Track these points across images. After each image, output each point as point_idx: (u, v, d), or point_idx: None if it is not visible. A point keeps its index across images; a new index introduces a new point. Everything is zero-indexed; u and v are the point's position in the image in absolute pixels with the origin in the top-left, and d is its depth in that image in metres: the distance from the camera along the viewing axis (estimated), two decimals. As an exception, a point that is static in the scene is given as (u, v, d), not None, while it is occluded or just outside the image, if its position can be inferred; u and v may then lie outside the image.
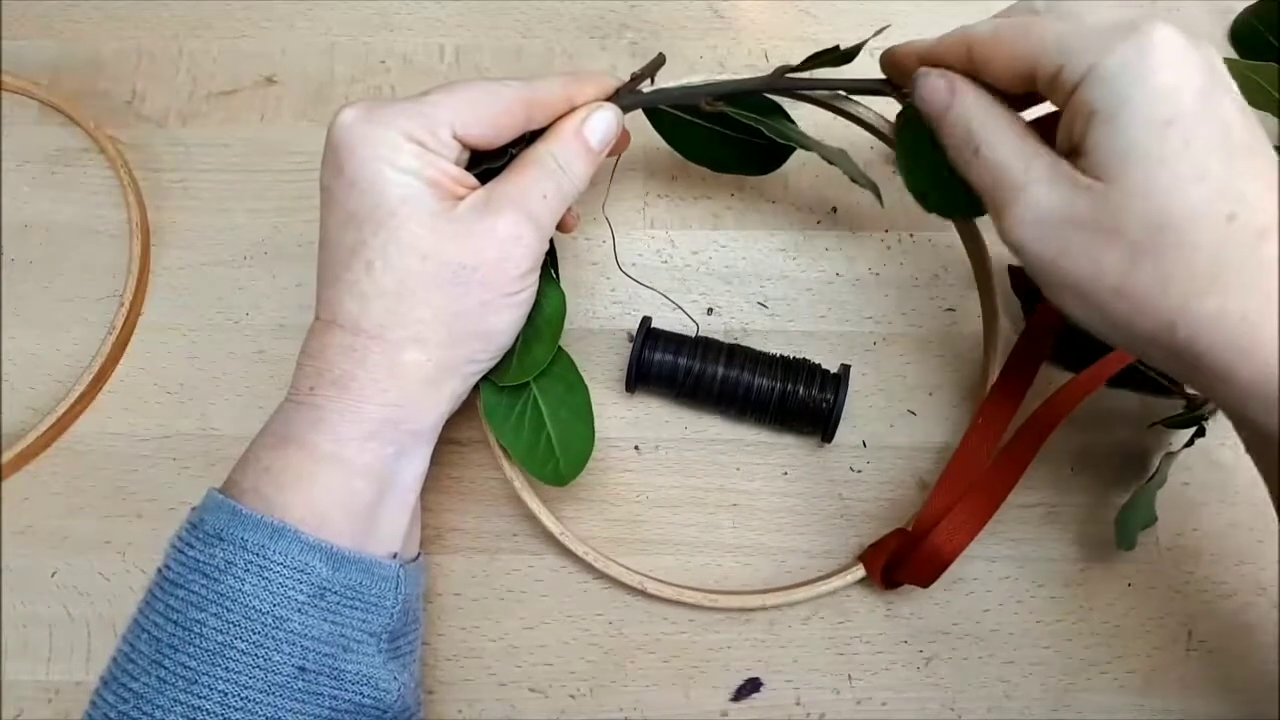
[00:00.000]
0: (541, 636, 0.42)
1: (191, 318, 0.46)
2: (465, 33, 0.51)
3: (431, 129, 0.34)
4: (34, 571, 0.43)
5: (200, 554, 0.32)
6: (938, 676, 0.41)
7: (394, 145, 0.33)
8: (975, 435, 0.40)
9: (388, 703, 0.33)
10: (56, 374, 0.45)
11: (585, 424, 0.38)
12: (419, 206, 0.33)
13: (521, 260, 0.35)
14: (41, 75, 0.50)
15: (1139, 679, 0.41)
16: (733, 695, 0.41)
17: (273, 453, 0.34)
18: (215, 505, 0.33)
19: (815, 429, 0.42)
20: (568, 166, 0.36)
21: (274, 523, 0.32)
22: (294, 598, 0.31)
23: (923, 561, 0.38)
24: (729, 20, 0.51)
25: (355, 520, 0.33)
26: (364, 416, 0.34)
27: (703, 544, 0.43)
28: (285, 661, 0.31)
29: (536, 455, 0.38)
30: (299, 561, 0.32)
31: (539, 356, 0.37)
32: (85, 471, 0.44)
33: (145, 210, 0.47)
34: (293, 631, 0.31)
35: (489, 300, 0.34)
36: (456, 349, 0.35)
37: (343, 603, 0.32)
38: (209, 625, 0.31)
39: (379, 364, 0.34)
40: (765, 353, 0.43)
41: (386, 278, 0.33)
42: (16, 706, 0.41)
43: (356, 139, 0.33)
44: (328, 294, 0.34)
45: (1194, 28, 0.49)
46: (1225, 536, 0.43)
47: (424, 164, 0.34)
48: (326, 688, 0.32)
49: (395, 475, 0.35)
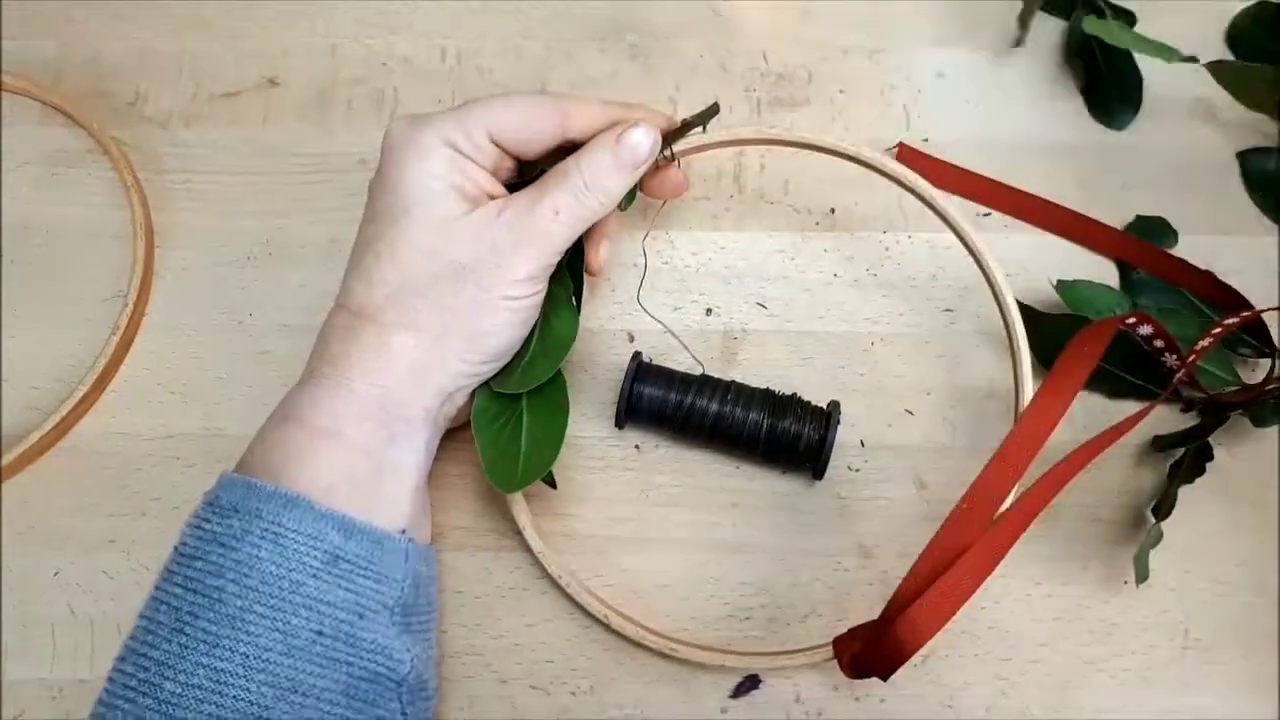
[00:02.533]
0: (543, 634, 0.42)
1: (195, 318, 0.46)
2: (466, 34, 0.51)
3: (467, 131, 0.36)
4: (37, 571, 0.43)
5: (217, 525, 0.33)
6: (935, 674, 0.41)
7: (428, 149, 0.35)
8: (962, 511, 0.37)
9: (401, 674, 0.34)
10: (60, 374, 0.45)
11: (553, 448, 0.38)
12: (434, 209, 0.35)
13: (519, 268, 0.36)
14: (43, 76, 0.50)
15: (1137, 678, 0.41)
16: (732, 692, 0.41)
17: (277, 431, 0.35)
18: (229, 482, 0.34)
19: (806, 466, 0.42)
20: (593, 182, 0.36)
21: (287, 493, 0.33)
22: (308, 564, 0.32)
23: (886, 653, 0.35)
24: (729, 20, 0.52)
25: (358, 495, 0.34)
26: (354, 395, 0.35)
27: (703, 544, 0.43)
28: (303, 625, 0.32)
29: (501, 462, 0.38)
30: (312, 529, 0.33)
31: (540, 373, 0.38)
32: (89, 471, 0.44)
33: (149, 211, 0.47)
34: (309, 596, 0.32)
35: (484, 301, 0.36)
36: (446, 343, 0.36)
37: (355, 570, 0.33)
38: (228, 591, 0.32)
39: (370, 344, 0.35)
40: (757, 389, 0.43)
41: (391, 268, 0.35)
42: (19, 706, 0.41)
43: (398, 142, 0.36)
44: (346, 280, 0.37)
45: (1191, 29, 0.50)
46: (1224, 535, 0.43)
47: (453, 169, 0.36)
48: (343, 654, 0.33)
49: (392, 459, 0.36)
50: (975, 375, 0.45)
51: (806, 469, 0.42)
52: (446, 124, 0.36)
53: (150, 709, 0.31)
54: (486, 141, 0.36)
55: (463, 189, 0.36)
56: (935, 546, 0.38)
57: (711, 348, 0.46)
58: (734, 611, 0.42)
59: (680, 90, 0.50)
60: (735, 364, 0.45)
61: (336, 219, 0.48)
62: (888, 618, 0.37)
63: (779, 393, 0.43)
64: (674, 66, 0.51)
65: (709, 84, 0.51)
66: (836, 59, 0.46)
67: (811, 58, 0.51)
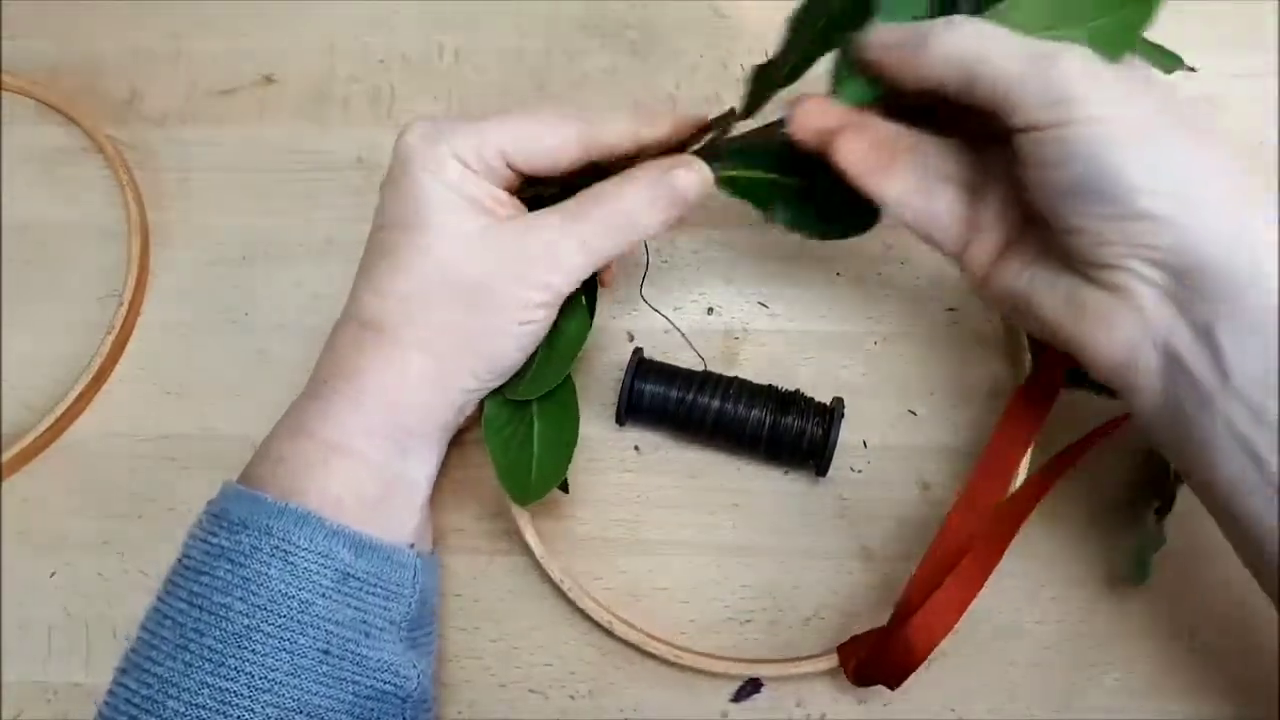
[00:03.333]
0: (542, 637, 0.42)
1: (191, 317, 0.46)
2: (465, 32, 0.51)
3: (479, 150, 0.34)
4: (33, 572, 0.43)
5: (225, 540, 0.32)
6: (939, 678, 0.41)
7: (441, 160, 0.34)
8: (958, 514, 0.38)
9: (408, 690, 0.34)
10: (55, 374, 0.45)
11: (566, 453, 0.38)
12: (451, 222, 0.34)
13: (537, 295, 0.35)
14: (40, 75, 0.50)
15: (1141, 680, 0.41)
16: (733, 696, 0.41)
17: (286, 444, 0.34)
18: (236, 495, 0.33)
19: (809, 463, 0.42)
20: (630, 219, 0.34)
21: (297, 510, 0.32)
22: (319, 583, 0.32)
23: (895, 661, 0.36)
24: (729, 20, 0.51)
25: (367, 511, 0.34)
26: (366, 410, 0.34)
27: (703, 544, 0.43)
28: (310, 645, 0.31)
29: (515, 471, 0.38)
30: (323, 547, 0.32)
31: (551, 378, 0.38)
32: (84, 472, 0.44)
33: (144, 210, 0.47)
34: (317, 616, 0.32)
35: (498, 324, 0.35)
36: (458, 361, 0.35)
37: (364, 589, 0.33)
38: (235, 609, 0.31)
39: (383, 360, 0.35)
40: (759, 385, 0.42)
41: (406, 282, 0.34)
42: (16, 707, 0.41)
43: (411, 151, 0.35)
44: (357, 291, 0.36)
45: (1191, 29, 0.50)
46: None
47: (466, 181, 0.35)
48: (349, 673, 0.32)
49: (403, 473, 0.35)
50: (979, 375, 0.45)
51: (810, 466, 0.42)
52: (462, 139, 0.34)
53: None
54: (500, 163, 0.35)
55: (479, 201, 0.35)
56: (936, 550, 0.38)
57: (713, 347, 0.45)
58: (735, 614, 0.42)
59: (680, 89, 0.50)
60: (736, 363, 0.45)
61: (333, 217, 0.47)
62: (894, 625, 0.37)
63: (782, 389, 0.42)
64: (674, 65, 0.50)
65: (709, 83, 0.50)
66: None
67: (813, 55, 0.51)
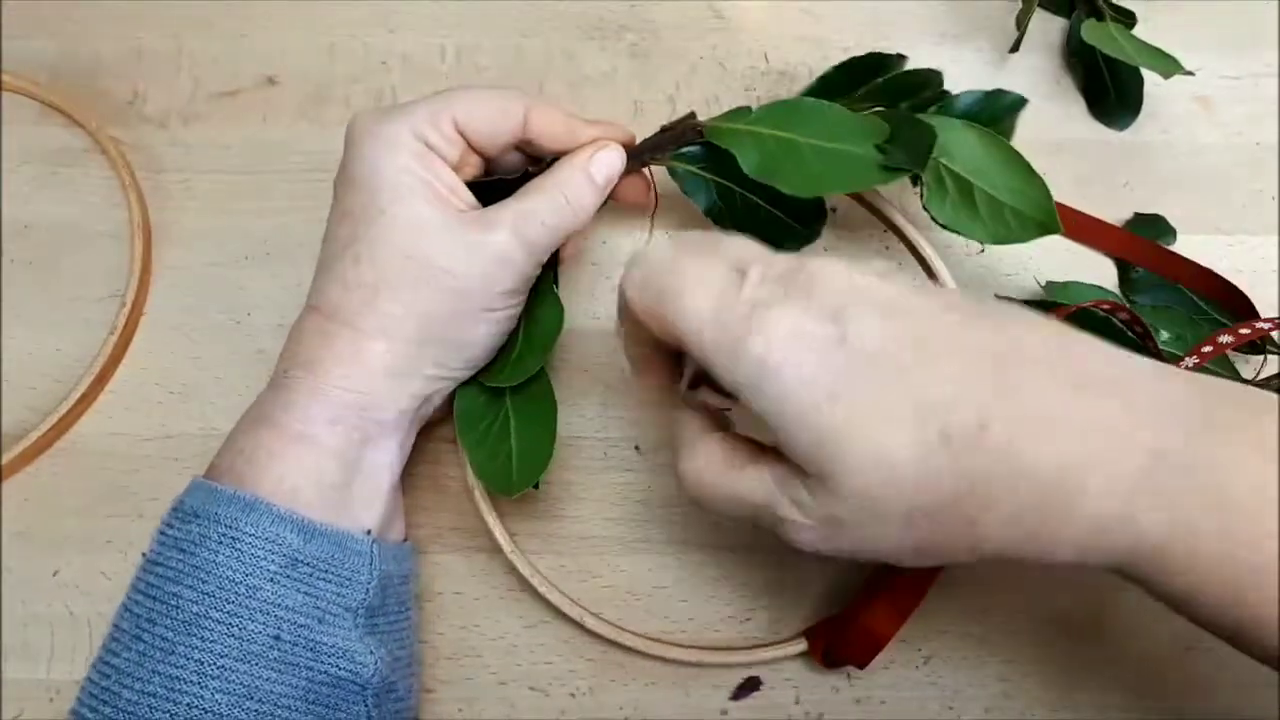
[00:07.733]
0: (541, 635, 0.42)
1: (193, 318, 0.46)
2: (465, 33, 0.51)
3: (434, 119, 0.36)
4: (35, 571, 0.43)
5: (178, 531, 0.33)
6: (937, 675, 0.41)
7: (394, 141, 0.35)
8: None
9: (365, 677, 0.34)
10: (57, 374, 0.45)
11: (548, 441, 0.38)
12: (410, 207, 0.35)
13: (504, 280, 0.36)
14: (42, 75, 0.50)
15: (1139, 678, 0.41)
16: (732, 694, 0.41)
17: (247, 435, 0.35)
18: (194, 487, 0.34)
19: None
20: (573, 199, 0.37)
21: (246, 497, 0.33)
22: (266, 568, 0.32)
23: (856, 643, 0.38)
24: (729, 20, 0.52)
25: (326, 498, 0.34)
26: (329, 399, 0.35)
27: (703, 544, 0.43)
28: (260, 631, 0.32)
29: (495, 463, 0.38)
30: (270, 532, 0.32)
31: (529, 365, 0.38)
32: (87, 472, 0.44)
33: (146, 210, 0.47)
34: (266, 601, 0.32)
35: (463, 310, 0.36)
36: (422, 349, 0.36)
37: (315, 574, 0.33)
38: (184, 597, 0.32)
39: (345, 349, 0.35)
40: None
41: (369, 270, 0.35)
42: (18, 706, 0.41)
43: (362, 135, 0.36)
44: (318, 282, 0.37)
45: (1191, 29, 0.50)
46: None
47: (421, 165, 0.35)
48: (302, 658, 0.32)
49: (364, 460, 0.36)
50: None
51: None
52: (416, 115, 0.36)
53: (109, 718, 0.31)
54: (454, 131, 0.36)
55: (432, 186, 0.36)
56: None
57: (711, 348, 0.45)
58: (735, 613, 0.42)
59: (680, 90, 0.50)
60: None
61: (335, 218, 0.47)
62: (852, 611, 0.38)
63: None
64: (674, 66, 0.51)
65: (709, 83, 0.50)
66: (837, 58, 0.46)
67: (812, 57, 0.51)
